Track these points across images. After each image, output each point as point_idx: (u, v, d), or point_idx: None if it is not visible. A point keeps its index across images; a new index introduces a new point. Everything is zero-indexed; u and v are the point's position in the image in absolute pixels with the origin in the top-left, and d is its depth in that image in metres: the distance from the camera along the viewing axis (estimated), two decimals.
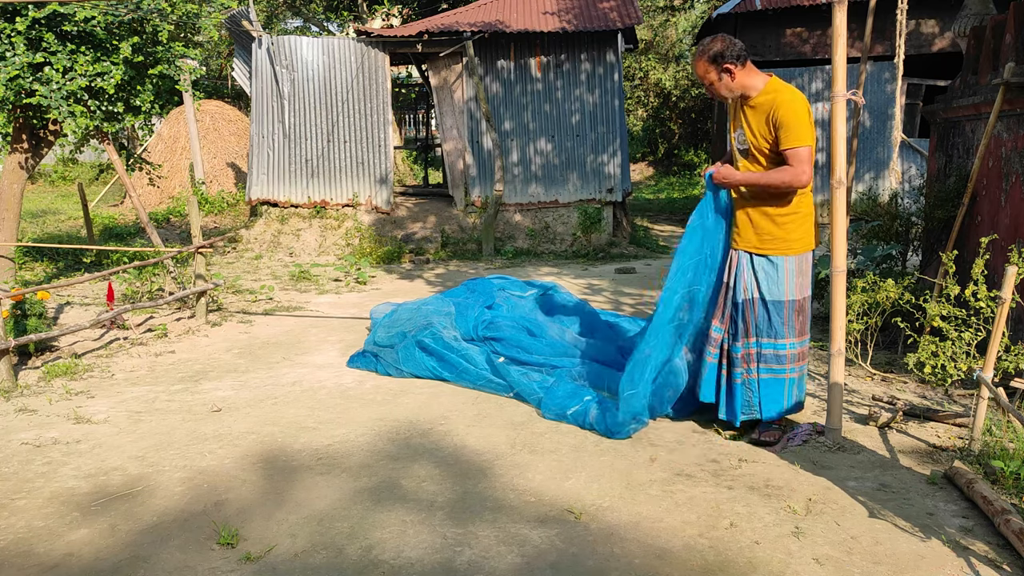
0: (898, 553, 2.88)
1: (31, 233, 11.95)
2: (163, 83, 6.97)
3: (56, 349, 5.81)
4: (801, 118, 3.68)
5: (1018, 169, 4.77)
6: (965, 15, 6.33)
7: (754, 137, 3.81)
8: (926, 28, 12.67)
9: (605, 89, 11.55)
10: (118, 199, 16.45)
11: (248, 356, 5.75)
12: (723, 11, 13.44)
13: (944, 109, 5.87)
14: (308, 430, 4.20)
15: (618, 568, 2.81)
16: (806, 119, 3.70)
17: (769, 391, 3.91)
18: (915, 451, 3.83)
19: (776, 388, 3.91)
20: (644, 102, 24.96)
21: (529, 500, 3.35)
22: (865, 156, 12.13)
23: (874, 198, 6.91)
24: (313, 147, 11.51)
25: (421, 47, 11.32)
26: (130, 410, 4.55)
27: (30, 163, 7.03)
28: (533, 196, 11.67)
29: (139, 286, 7.30)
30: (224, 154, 16.93)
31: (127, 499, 3.39)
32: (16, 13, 6.06)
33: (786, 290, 3.85)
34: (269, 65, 11.28)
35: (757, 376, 3.90)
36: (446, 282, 8.76)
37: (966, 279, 4.39)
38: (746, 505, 3.27)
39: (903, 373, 5.00)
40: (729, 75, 3.81)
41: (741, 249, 3.90)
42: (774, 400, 3.92)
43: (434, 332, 5.17)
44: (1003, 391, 3.73)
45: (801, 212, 3.85)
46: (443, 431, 4.17)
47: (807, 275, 3.91)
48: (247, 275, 9.36)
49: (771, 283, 3.85)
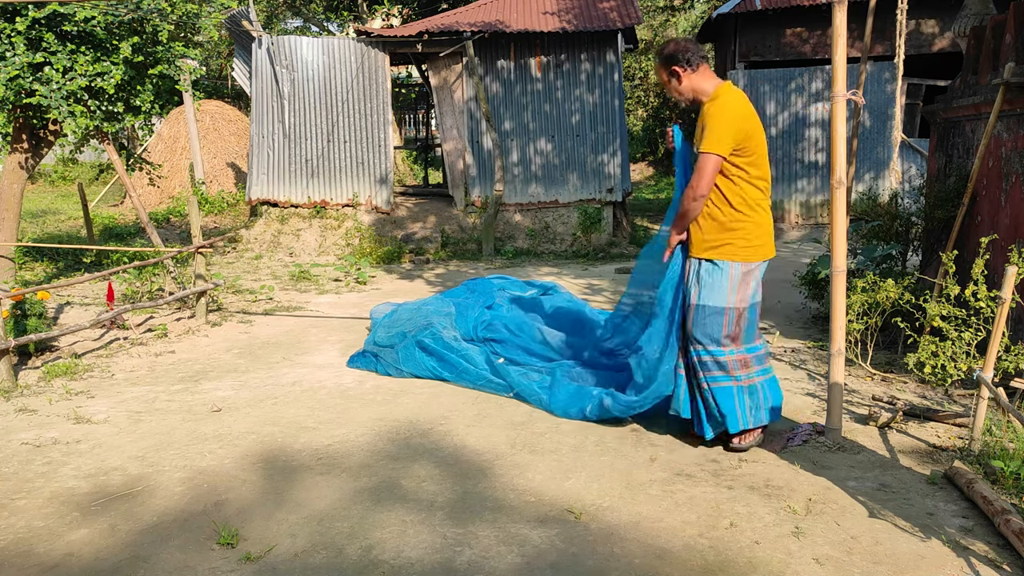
0: (898, 553, 2.88)
1: (31, 233, 11.95)
2: (163, 83, 6.97)
3: (56, 349, 5.81)
4: (719, 124, 3.55)
5: (1018, 169, 4.77)
6: (965, 15, 6.33)
7: (696, 144, 3.72)
8: (926, 28, 12.67)
9: (605, 89, 11.55)
10: (118, 199, 16.45)
11: (248, 356, 5.75)
12: (723, 11, 13.44)
13: (944, 109, 5.87)
14: (308, 430, 4.20)
15: (618, 568, 2.81)
16: (725, 126, 3.55)
17: (724, 399, 3.74)
18: (915, 451, 3.83)
19: (727, 396, 3.73)
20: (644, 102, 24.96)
21: (529, 500, 3.35)
22: (865, 156, 12.13)
23: (874, 198, 6.90)
24: (313, 147, 11.51)
25: (421, 47, 11.32)
26: (130, 410, 4.55)
27: (30, 163, 7.03)
28: (533, 196, 11.67)
29: (139, 286, 7.30)
30: (224, 154, 16.93)
31: (127, 499, 3.39)
32: (16, 13, 6.06)
33: (728, 296, 3.70)
34: (269, 65, 11.28)
35: (708, 385, 3.76)
36: (446, 282, 8.76)
37: (966, 279, 4.39)
38: (746, 505, 3.27)
39: (903, 373, 5.00)
40: (677, 79, 3.76)
41: (692, 256, 3.80)
42: (730, 409, 3.73)
43: (434, 332, 5.17)
44: (1003, 391, 3.73)
45: (753, 220, 3.70)
46: (443, 431, 4.17)
47: (750, 286, 3.74)
48: (247, 275, 9.37)
49: (712, 288, 3.71)
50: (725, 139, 3.57)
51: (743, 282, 3.73)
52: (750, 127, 3.65)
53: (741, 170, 3.66)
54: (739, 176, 3.67)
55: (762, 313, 6.83)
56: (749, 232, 3.71)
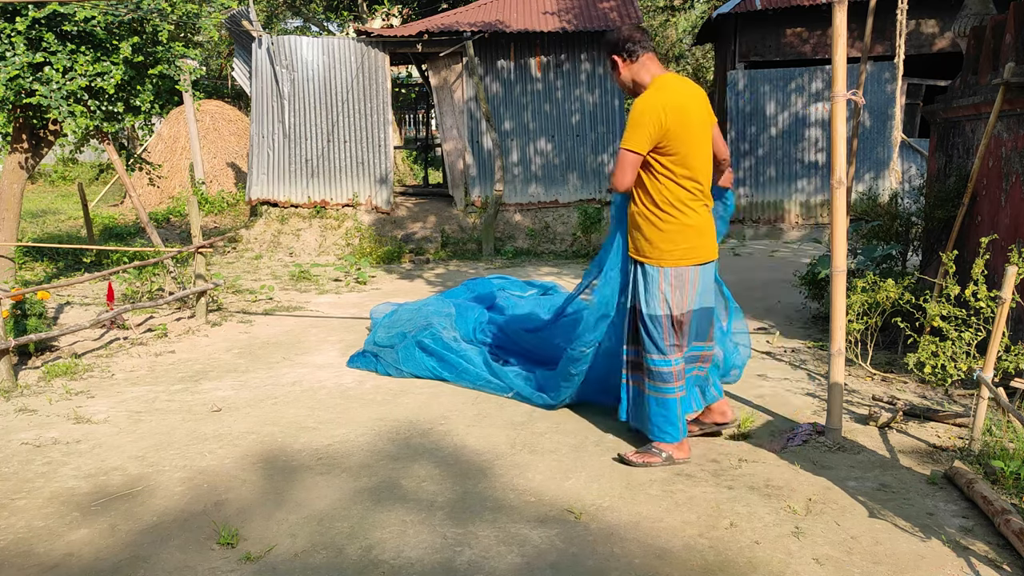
0: (898, 553, 2.88)
1: (31, 233, 11.95)
2: (163, 83, 6.97)
3: (56, 349, 5.81)
4: (635, 119, 3.47)
5: (1018, 169, 4.77)
6: (965, 15, 6.33)
7: None
8: (926, 28, 12.68)
9: (605, 89, 11.55)
10: (118, 199, 16.45)
11: (248, 356, 5.75)
12: (723, 11, 13.45)
13: (944, 109, 5.87)
14: (308, 430, 4.20)
15: (618, 568, 2.81)
16: (643, 121, 3.45)
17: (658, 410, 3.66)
18: (915, 451, 3.83)
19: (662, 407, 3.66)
20: None
21: (529, 500, 3.35)
22: (865, 156, 12.14)
23: (874, 198, 6.90)
24: (313, 147, 11.51)
25: (421, 47, 11.32)
26: (130, 410, 4.55)
27: (30, 163, 7.03)
28: (533, 196, 11.67)
29: (139, 286, 7.30)
30: (224, 154, 16.93)
31: (127, 499, 3.39)
32: (16, 13, 6.06)
33: (660, 304, 3.60)
34: (269, 65, 11.28)
35: (648, 392, 3.69)
36: (446, 282, 8.76)
37: (966, 279, 4.39)
38: (746, 505, 3.27)
39: (903, 373, 5.00)
40: (616, 69, 3.71)
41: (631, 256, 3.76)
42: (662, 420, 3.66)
43: (434, 332, 5.18)
44: (1003, 391, 3.73)
45: (681, 221, 3.56)
46: (443, 431, 4.17)
47: (686, 291, 3.60)
48: (247, 275, 9.36)
49: (646, 294, 3.64)
50: (640, 135, 3.47)
51: (676, 287, 3.59)
52: (672, 122, 3.47)
53: (666, 168, 3.54)
54: (664, 175, 3.55)
55: (762, 313, 6.88)
56: (675, 235, 3.57)
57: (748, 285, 8.22)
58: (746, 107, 12.41)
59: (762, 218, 12.60)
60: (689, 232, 3.59)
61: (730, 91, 12.49)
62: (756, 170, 12.56)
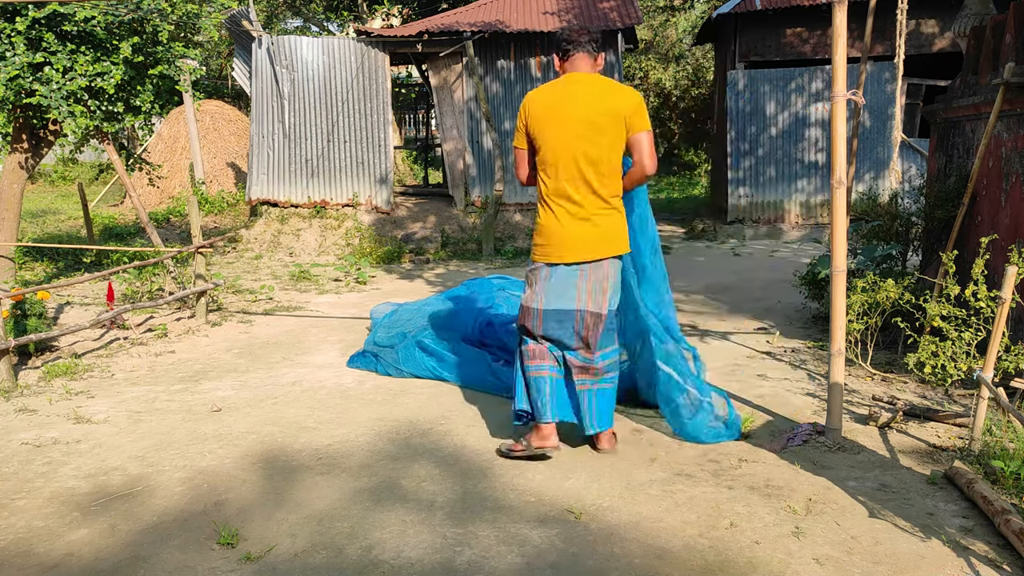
0: (898, 553, 2.88)
1: (31, 233, 11.95)
2: (163, 83, 6.97)
3: (56, 349, 5.81)
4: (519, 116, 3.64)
5: (1018, 169, 4.77)
6: (965, 15, 6.32)
7: None
8: (926, 28, 12.67)
9: None
10: (118, 199, 16.45)
11: (248, 356, 5.75)
12: (723, 11, 13.44)
13: (944, 109, 5.87)
14: (308, 430, 4.20)
15: (618, 568, 2.81)
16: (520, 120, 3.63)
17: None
18: (915, 451, 3.83)
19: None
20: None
21: (529, 500, 3.35)
22: (865, 156, 12.13)
23: (874, 198, 6.90)
24: (313, 147, 11.51)
25: (421, 47, 11.32)
26: (130, 410, 4.55)
27: (30, 163, 7.03)
28: (533, 196, 11.66)
29: (139, 286, 7.30)
30: (224, 154, 16.93)
31: (127, 499, 3.39)
32: (16, 13, 6.06)
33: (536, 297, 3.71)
34: (269, 65, 11.28)
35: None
36: (446, 282, 8.76)
37: (966, 279, 4.38)
38: (746, 505, 3.27)
39: (903, 373, 5.00)
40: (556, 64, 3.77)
41: None
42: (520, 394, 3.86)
43: (434, 332, 5.18)
44: (1003, 391, 3.73)
45: (546, 216, 3.62)
46: (443, 431, 4.17)
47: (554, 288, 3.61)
48: (247, 275, 9.37)
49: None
50: (519, 130, 3.66)
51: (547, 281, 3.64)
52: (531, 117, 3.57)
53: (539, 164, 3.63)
54: (539, 170, 3.65)
55: (762, 313, 6.88)
56: (541, 229, 3.66)
57: (748, 285, 8.22)
58: (746, 107, 12.41)
59: (762, 218, 12.60)
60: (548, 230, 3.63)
61: (730, 91, 12.49)
62: (756, 170, 12.56)
